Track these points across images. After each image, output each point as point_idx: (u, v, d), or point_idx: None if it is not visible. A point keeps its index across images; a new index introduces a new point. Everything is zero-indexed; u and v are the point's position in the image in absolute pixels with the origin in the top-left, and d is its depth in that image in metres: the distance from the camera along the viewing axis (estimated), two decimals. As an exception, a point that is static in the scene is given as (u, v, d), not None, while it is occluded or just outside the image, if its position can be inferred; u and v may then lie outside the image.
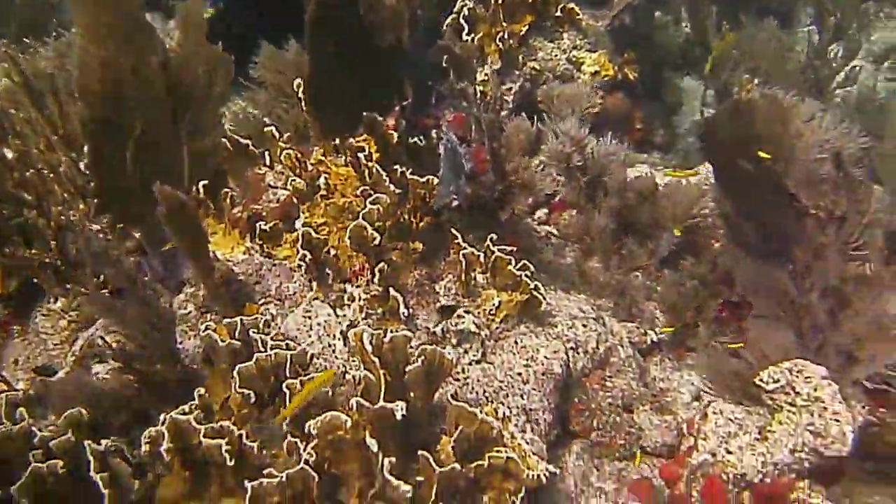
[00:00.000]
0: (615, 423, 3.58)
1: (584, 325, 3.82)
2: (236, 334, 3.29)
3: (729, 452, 3.16)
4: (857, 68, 7.03)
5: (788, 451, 3.08)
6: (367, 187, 3.79)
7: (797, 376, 3.13)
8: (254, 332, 3.32)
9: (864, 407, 3.48)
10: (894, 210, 3.78)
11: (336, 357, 3.51)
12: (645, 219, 4.54)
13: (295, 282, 3.88)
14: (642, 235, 4.56)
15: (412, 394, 2.98)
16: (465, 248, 3.61)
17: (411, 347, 3.04)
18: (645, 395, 3.74)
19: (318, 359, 3.47)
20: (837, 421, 3.03)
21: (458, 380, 3.44)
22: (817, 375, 3.12)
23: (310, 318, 3.65)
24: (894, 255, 3.58)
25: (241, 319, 3.34)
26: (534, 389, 3.44)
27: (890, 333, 3.39)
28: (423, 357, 2.93)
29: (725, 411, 3.30)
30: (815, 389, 3.09)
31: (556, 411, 3.51)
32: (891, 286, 3.49)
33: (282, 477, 2.70)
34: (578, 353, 3.70)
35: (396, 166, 3.86)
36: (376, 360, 2.84)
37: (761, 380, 3.20)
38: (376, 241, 3.53)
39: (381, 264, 3.54)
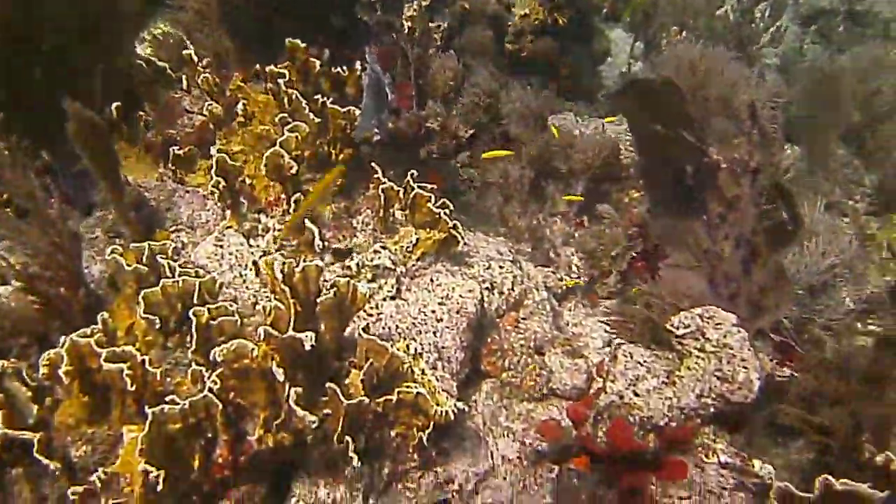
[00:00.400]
0: (526, 364, 3.58)
1: (501, 267, 3.81)
2: (143, 259, 3.18)
3: (637, 395, 3.19)
4: (784, 28, 7.10)
5: (695, 396, 3.11)
6: (285, 115, 3.68)
7: (707, 322, 3.16)
8: (162, 259, 3.22)
9: (771, 360, 3.55)
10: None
11: (247, 288, 3.43)
12: (564, 166, 4.55)
13: (208, 210, 3.78)
14: (561, 183, 4.57)
15: (323, 325, 2.93)
16: (384, 183, 3.55)
17: (324, 280, 2.98)
18: (557, 339, 3.74)
19: (228, 288, 3.39)
20: (745, 368, 3.07)
21: (370, 315, 3.39)
22: (727, 322, 3.16)
23: (221, 247, 3.55)
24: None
25: (149, 245, 3.24)
26: (447, 328, 3.41)
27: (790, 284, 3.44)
28: (335, 289, 2.88)
29: (635, 354, 3.32)
30: (725, 336, 3.12)
31: (469, 350, 3.50)
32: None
33: (184, 403, 2.64)
34: (493, 294, 3.69)
35: (317, 96, 3.76)
36: (287, 289, 2.77)
37: (672, 325, 3.22)
38: (293, 170, 3.45)
39: (298, 195, 3.46)
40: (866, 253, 4.97)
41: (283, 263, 2.86)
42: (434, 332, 3.39)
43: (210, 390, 2.69)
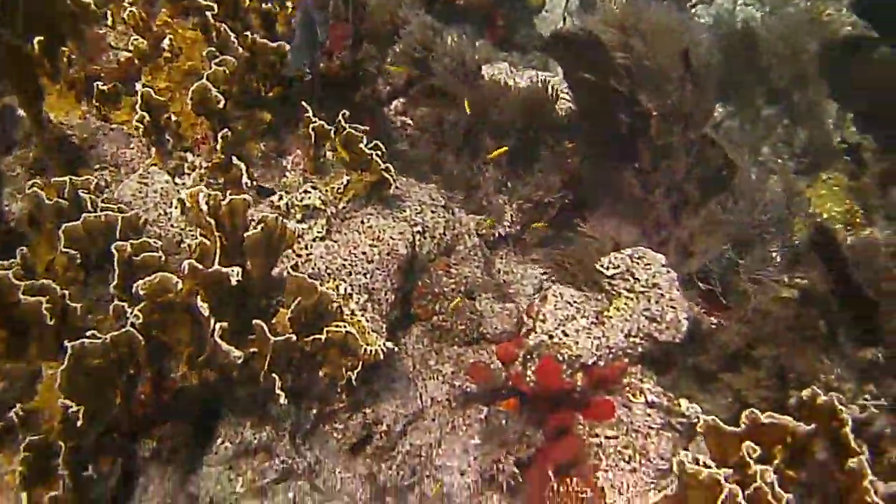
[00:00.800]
0: (457, 308, 3.56)
1: (433, 212, 3.79)
2: (65, 194, 3.08)
3: (566, 335, 3.20)
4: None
5: (623, 335, 3.14)
6: (213, 49, 3.58)
7: (637, 263, 3.18)
8: (84, 194, 3.12)
9: (698, 308, 3.58)
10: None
11: (172, 226, 3.35)
12: (497, 115, 4.52)
13: (132, 148, 3.67)
14: (496, 132, 4.54)
15: (249, 262, 2.86)
16: (314, 122, 3.48)
17: (252, 218, 2.92)
18: (488, 284, 3.73)
19: (153, 227, 3.30)
20: (673, 308, 3.10)
21: (300, 255, 3.34)
22: (657, 263, 3.18)
23: (146, 185, 3.46)
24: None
25: (71, 179, 3.13)
26: (377, 269, 3.38)
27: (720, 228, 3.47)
28: (262, 224, 2.81)
29: (565, 295, 3.33)
30: (654, 276, 3.15)
31: (399, 293, 3.48)
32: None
33: (105, 338, 2.57)
34: (425, 238, 3.67)
35: (247, 32, 3.66)
36: (212, 221, 2.70)
37: (602, 265, 3.22)
38: (220, 105, 3.35)
39: (225, 130, 3.37)
40: (794, 209, 5.04)
41: (209, 195, 2.78)
42: (365, 274, 3.35)
43: (132, 325, 2.62)
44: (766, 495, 1.93)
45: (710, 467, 2.06)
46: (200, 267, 2.62)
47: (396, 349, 3.37)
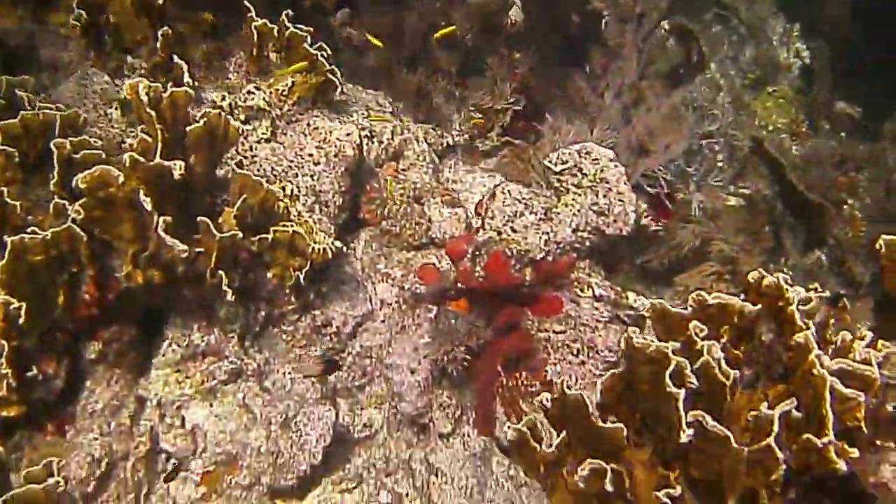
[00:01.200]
0: (406, 212, 3.54)
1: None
2: (0, 94, 2.99)
3: (514, 231, 3.19)
4: None
5: (571, 230, 3.14)
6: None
7: (585, 158, 3.17)
8: (21, 93, 3.04)
9: (645, 214, 3.60)
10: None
11: (112, 127, 3.27)
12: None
13: (70, 50, 3.56)
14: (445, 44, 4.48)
15: (193, 157, 2.80)
16: (257, 21, 3.40)
17: (194, 117, 2.84)
18: (437, 189, 3.71)
19: (93, 128, 3.22)
20: (621, 201, 3.10)
21: (245, 157, 3.29)
22: (604, 157, 3.17)
23: (85, 87, 3.36)
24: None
25: (6, 79, 3.05)
26: (324, 171, 3.34)
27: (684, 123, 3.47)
28: (205, 119, 2.75)
29: (514, 192, 3.32)
30: (602, 170, 3.14)
31: (347, 196, 3.45)
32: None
33: (46, 234, 2.51)
34: (373, 143, 3.63)
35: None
36: (153, 113, 2.63)
37: (550, 161, 3.21)
38: (161, 2, 3.26)
39: (166, 29, 3.27)
40: (741, 121, 5.07)
41: (150, 87, 2.70)
42: (312, 176, 3.32)
43: (73, 221, 2.57)
44: (714, 370, 1.95)
45: (658, 344, 2.08)
46: (142, 159, 2.56)
47: (345, 249, 3.36)
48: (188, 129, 2.72)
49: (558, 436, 2.13)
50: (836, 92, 5.76)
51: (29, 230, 2.57)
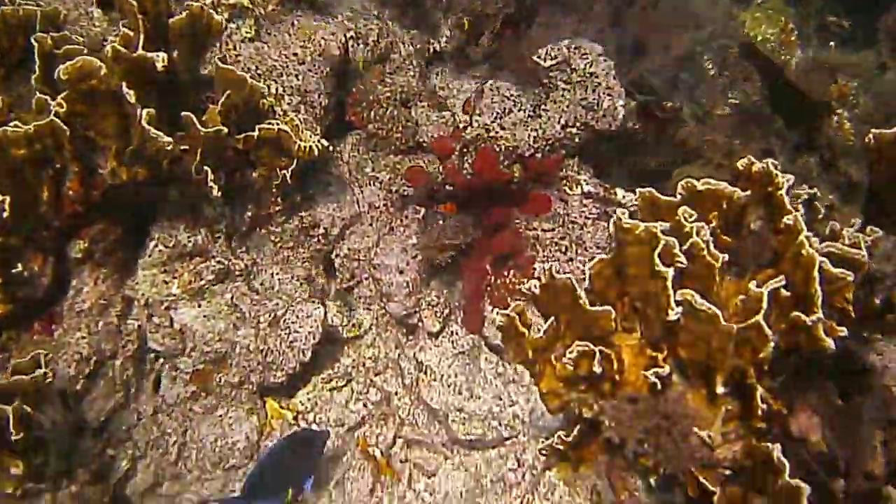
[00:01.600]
0: (392, 116, 3.49)
1: (366, 20, 3.66)
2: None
3: (503, 128, 3.16)
4: None
5: (560, 126, 3.11)
6: None
7: (574, 53, 3.12)
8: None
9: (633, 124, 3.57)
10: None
11: (94, 26, 3.20)
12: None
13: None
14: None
15: (176, 51, 2.75)
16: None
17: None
18: (424, 93, 3.66)
19: (73, 26, 3.15)
20: (610, 96, 3.06)
21: (229, 57, 3.23)
22: (594, 52, 3.12)
23: (64, -13, 3.29)
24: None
25: (-18, -22, 2.97)
26: (310, 71, 3.29)
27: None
28: (187, 11, 2.70)
29: (502, 89, 3.28)
30: (591, 65, 3.09)
31: (333, 98, 3.40)
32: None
33: (28, 128, 2.48)
34: (358, 44, 3.56)
35: None
36: (134, 3, 2.57)
37: (540, 57, 3.16)
38: None
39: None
40: (731, 30, 5.04)
41: (130, -26, 2.64)
42: (297, 76, 3.26)
43: (56, 115, 2.53)
44: (702, 251, 1.94)
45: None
46: (124, 50, 2.51)
47: (332, 150, 3.33)
48: (171, 20, 2.67)
49: (546, 321, 2.13)
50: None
51: (12, 124, 2.53)
